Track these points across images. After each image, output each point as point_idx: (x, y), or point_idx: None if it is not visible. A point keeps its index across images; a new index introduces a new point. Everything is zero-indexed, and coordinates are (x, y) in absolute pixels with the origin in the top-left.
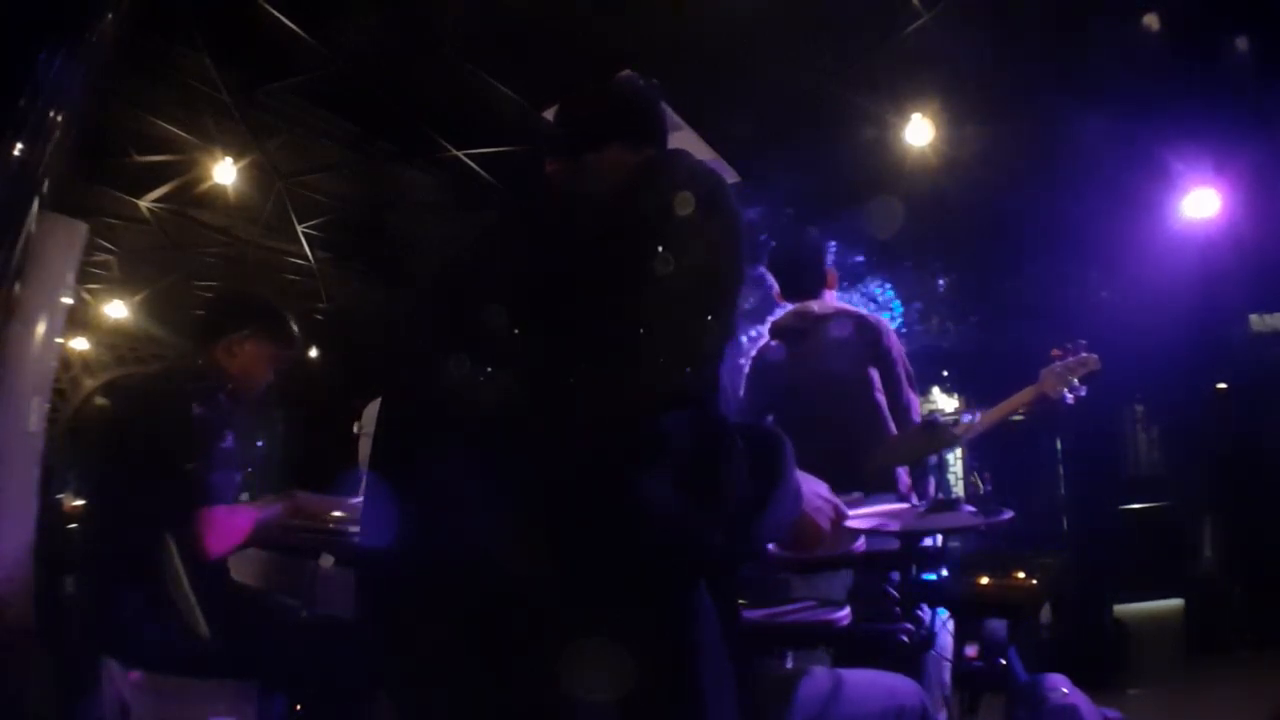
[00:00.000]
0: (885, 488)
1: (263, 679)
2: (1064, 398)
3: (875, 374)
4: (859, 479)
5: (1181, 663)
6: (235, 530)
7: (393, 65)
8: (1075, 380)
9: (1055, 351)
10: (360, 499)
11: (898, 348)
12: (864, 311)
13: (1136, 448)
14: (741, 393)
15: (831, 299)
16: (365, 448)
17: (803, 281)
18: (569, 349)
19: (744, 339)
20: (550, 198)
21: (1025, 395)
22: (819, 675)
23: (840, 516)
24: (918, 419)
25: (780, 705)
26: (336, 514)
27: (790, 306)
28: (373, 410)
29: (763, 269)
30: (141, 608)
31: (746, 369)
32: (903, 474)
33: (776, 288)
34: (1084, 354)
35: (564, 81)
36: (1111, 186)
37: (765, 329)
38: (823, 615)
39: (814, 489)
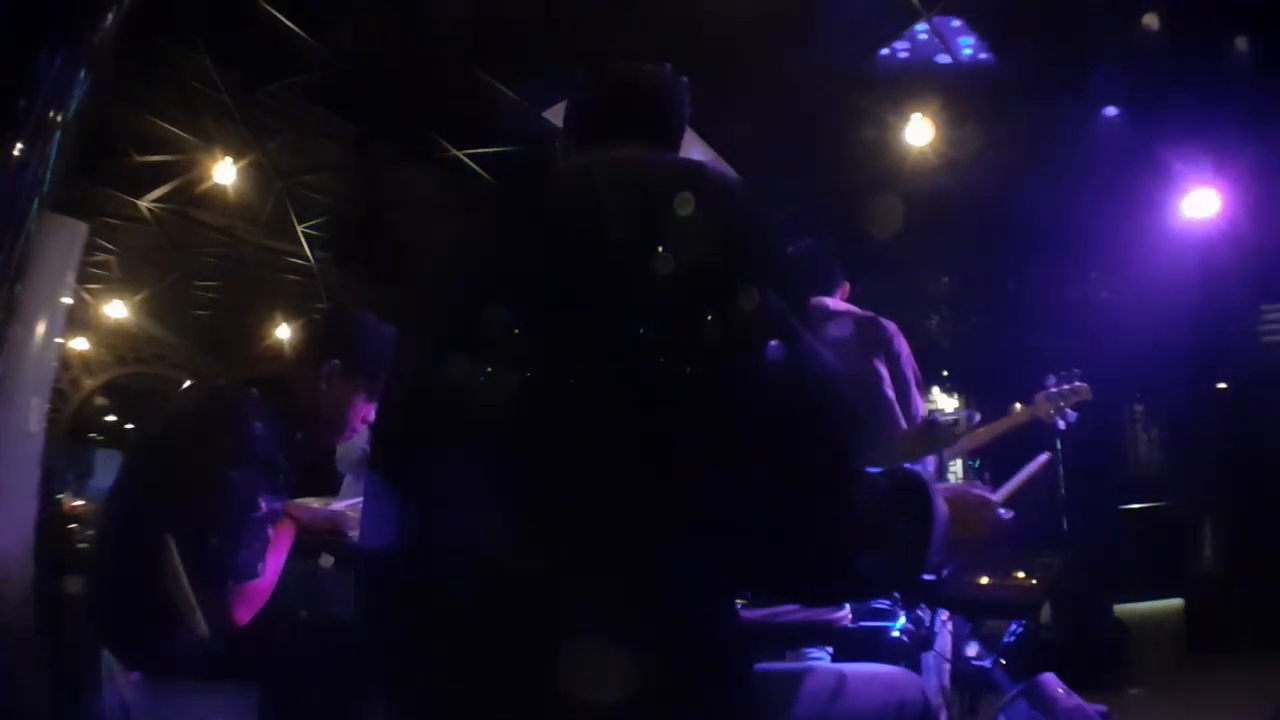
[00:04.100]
0: None
1: (263, 679)
2: (1055, 423)
3: (885, 371)
4: None
5: (1181, 663)
6: (257, 596)
7: (393, 65)
8: (1067, 408)
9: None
10: (340, 501)
11: (907, 352)
12: (874, 314)
13: (1136, 448)
14: None
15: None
16: (341, 448)
17: (819, 279)
18: (569, 349)
19: None
20: (554, 196)
21: (1019, 417)
22: (819, 670)
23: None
24: None
25: (780, 701)
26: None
27: None
28: None
29: None
30: (141, 608)
31: None
32: None
33: None
34: (1077, 384)
35: (564, 82)
36: (1111, 186)
37: None
38: (823, 615)
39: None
